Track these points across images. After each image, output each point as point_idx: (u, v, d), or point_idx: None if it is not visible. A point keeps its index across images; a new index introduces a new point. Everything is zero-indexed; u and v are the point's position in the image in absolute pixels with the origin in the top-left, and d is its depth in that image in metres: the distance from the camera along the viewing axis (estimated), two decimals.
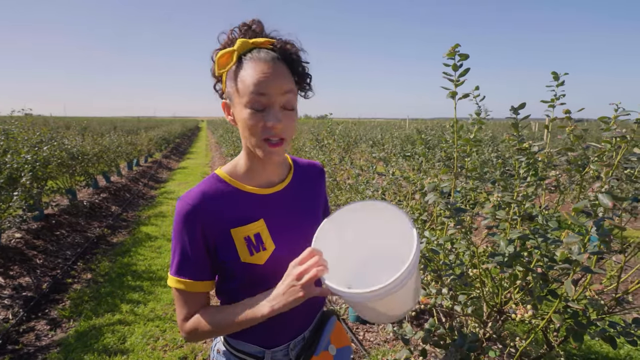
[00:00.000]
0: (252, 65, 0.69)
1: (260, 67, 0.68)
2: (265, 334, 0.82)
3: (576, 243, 0.90)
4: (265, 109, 0.69)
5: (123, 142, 8.05)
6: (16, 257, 3.38)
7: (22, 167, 3.63)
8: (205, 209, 0.74)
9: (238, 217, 0.76)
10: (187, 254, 0.74)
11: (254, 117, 0.69)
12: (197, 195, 0.75)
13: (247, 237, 0.76)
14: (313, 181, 0.92)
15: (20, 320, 2.61)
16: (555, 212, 1.33)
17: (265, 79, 0.68)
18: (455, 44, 1.27)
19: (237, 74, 0.70)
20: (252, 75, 0.68)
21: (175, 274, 0.75)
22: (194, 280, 0.75)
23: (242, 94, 0.69)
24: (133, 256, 3.87)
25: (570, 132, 1.17)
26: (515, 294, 1.32)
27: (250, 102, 0.68)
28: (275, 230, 0.79)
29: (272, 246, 0.77)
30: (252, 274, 0.77)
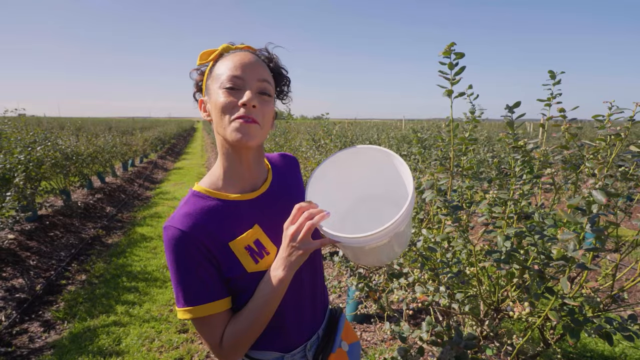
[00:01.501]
0: (230, 56, 0.73)
1: (238, 57, 0.72)
2: (281, 338, 0.81)
3: (571, 240, 0.90)
4: (240, 90, 0.70)
5: (118, 143, 8.00)
6: (9, 258, 3.34)
7: (15, 167, 3.59)
8: (196, 230, 0.70)
9: (232, 228, 0.74)
10: (193, 279, 0.69)
11: (228, 96, 0.69)
12: (182, 218, 0.70)
13: (247, 247, 0.73)
14: (291, 172, 0.92)
15: (13, 322, 2.58)
16: (551, 210, 1.33)
17: (241, 63, 0.71)
18: (451, 43, 1.28)
19: (215, 67, 0.74)
20: (230, 62, 0.72)
21: (188, 304, 0.69)
22: (211, 302, 0.70)
23: (219, 79, 0.71)
24: (128, 257, 3.84)
25: (565, 130, 1.18)
26: (512, 292, 1.32)
27: (226, 82, 0.70)
28: (273, 232, 0.78)
29: (273, 249, 0.76)
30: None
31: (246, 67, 0.71)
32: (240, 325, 0.71)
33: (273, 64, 0.78)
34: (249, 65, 0.71)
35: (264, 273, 0.73)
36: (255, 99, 0.70)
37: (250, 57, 0.73)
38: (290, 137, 4.98)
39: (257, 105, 0.69)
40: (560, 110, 1.26)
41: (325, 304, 0.93)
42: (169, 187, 7.69)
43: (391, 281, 1.46)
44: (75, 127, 11.38)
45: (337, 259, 1.74)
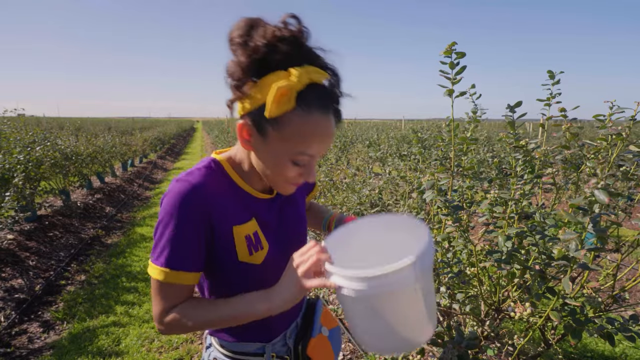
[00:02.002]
0: (310, 119, 0.58)
1: (322, 125, 0.59)
2: (261, 329, 0.81)
3: (573, 240, 0.90)
4: (306, 164, 0.64)
5: (117, 143, 7.99)
6: (8, 258, 3.33)
7: (14, 167, 3.58)
8: (210, 196, 0.66)
9: (239, 214, 0.71)
10: (182, 241, 0.64)
11: (292, 170, 0.63)
12: (200, 178, 0.66)
13: (247, 236, 0.71)
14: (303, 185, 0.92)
15: (12, 322, 2.57)
16: (552, 210, 1.33)
17: (321, 141, 0.61)
18: (452, 42, 1.27)
19: (291, 120, 0.58)
20: (310, 134, 0.59)
21: (164, 264, 0.64)
22: (186, 272, 0.65)
23: (290, 147, 0.60)
24: (128, 257, 3.83)
25: (566, 130, 1.18)
26: (513, 292, 1.32)
27: (295, 158, 0.62)
28: (266, 232, 0.76)
29: (267, 245, 0.75)
30: (248, 275, 0.73)
31: (326, 144, 0.62)
32: (196, 314, 0.66)
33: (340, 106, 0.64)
34: (328, 140, 0.62)
35: (253, 266, 0.72)
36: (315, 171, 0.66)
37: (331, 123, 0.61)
38: None
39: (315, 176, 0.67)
40: (560, 110, 1.26)
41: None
42: None
43: None
44: (74, 127, 11.38)
45: None
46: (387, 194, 2.34)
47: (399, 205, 2.13)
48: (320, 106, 0.58)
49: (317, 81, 0.58)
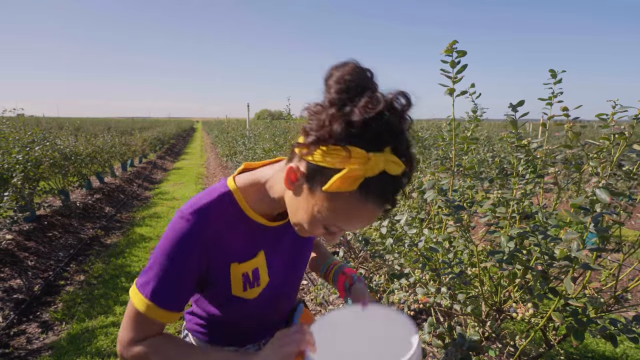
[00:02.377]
0: (363, 208, 0.54)
1: (366, 216, 0.55)
2: (236, 337, 0.81)
3: (575, 239, 0.89)
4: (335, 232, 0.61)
5: (117, 143, 7.98)
6: (7, 259, 3.32)
7: (13, 167, 3.57)
8: (210, 236, 0.64)
9: (241, 250, 0.69)
10: (173, 282, 0.63)
11: (319, 231, 0.60)
12: (204, 217, 0.63)
13: (244, 274, 0.69)
14: None
15: (10, 323, 2.56)
16: (553, 210, 1.32)
17: (359, 225, 0.58)
18: (453, 41, 1.26)
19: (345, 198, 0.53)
20: (353, 218, 0.55)
21: (153, 299, 0.62)
22: (169, 311, 0.63)
23: (329, 217, 0.56)
24: (127, 257, 3.82)
25: (568, 129, 1.17)
26: (515, 293, 1.31)
27: (329, 226, 0.58)
28: (273, 264, 0.74)
29: (266, 280, 0.73)
30: (238, 306, 0.72)
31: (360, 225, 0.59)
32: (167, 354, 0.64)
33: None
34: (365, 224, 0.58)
35: (245, 300, 0.70)
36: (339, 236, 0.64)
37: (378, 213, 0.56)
38: (290, 137, 4.96)
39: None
40: (563, 109, 1.25)
41: (294, 301, 0.93)
42: (168, 188, 7.67)
43: (392, 282, 1.45)
44: (74, 127, 11.37)
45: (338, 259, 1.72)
46: None
47: (399, 205, 2.12)
48: (379, 197, 0.53)
49: (390, 172, 0.51)
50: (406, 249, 1.42)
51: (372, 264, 2.25)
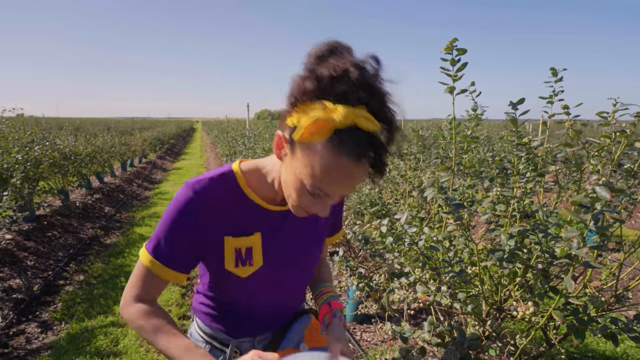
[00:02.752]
0: (338, 160, 0.55)
1: (343, 170, 0.56)
2: (231, 324, 0.83)
3: (575, 237, 0.88)
4: (323, 199, 0.62)
5: (117, 143, 7.97)
6: (6, 258, 3.31)
7: (13, 167, 3.56)
8: (207, 206, 0.69)
9: (237, 225, 0.73)
10: (169, 237, 0.70)
11: (306, 197, 0.62)
12: (207, 187, 0.70)
13: (237, 249, 0.73)
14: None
15: (10, 322, 2.55)
16: (554, 208, 1.31)
17: (340, 184, 0.58)
18: (453, 39, 1.26)
19: (319, 150, 0.56)
20: (330, 173, 0.56)
21: (152, 252, 0.70)
22: (169, 269, 0.70)
23: (309, 175, 0.58)
24: (127, 257, 3.82)
25: (569, 127, 1.16)
26: (515, 292, 1.30)
27: (312, 190, 0.60)
28: (269, 247, 0.76)
29: (259, 263, 0.75)
30: (231, 281, 0.76)
31: (344, 188, 0.59)
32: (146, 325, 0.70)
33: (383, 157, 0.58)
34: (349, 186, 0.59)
35: (236, 277, 0.74)
36: (329, 209, 0.65)
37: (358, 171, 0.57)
38: None
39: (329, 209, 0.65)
40: (563, 107, 1.24)
41: (294, 309, 0.92)
42: (168, 187, 7.67)
43: (392, 281, 1.44)
44: (73, 127, 11.37)
45: (337, 258, 1.72)
46: (387, 193, 2.33)
47: (399, 204, 2.11)
48: (352, 151, 0.54)
49: (363, 127, 0.54)
50: (406, 248, 1.41)
51: (372, 263, 2.25)
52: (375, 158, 0.57)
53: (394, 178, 2.23)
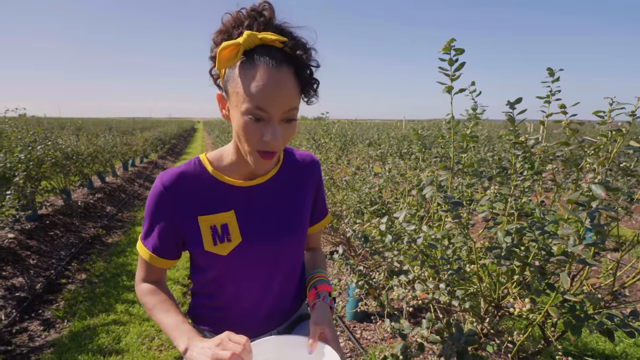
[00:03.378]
0: (256, 69, 0.62)
1: (265, 75, 0.61)
2: (224, 325, 0.83)
3: (571, 235, 0.89)
4: (264, 120, 0.64)
5: (118, 143, 8.00)
6: (9, 257, 3.34)
7: (15, 166, 3.59)
8: (177, 193, 0.75)
9: (208, 205, 0.76)
10: (153, 229, 0.77)
11: (251, 127, 0.64)
12: (173, 177, 0.75)
13: (212, 227, 0.76)
14: (302, 175, 0.87)
15: (13, 320, 2.58)
16: (552, 206, 1.33)
17: (268, 91, 0.62)
18: (451, 39, 1.27)
19: (239, 72, 0.63)
20: (255, 83, 0.61)
21: (144, 244, 0.79)
22: (154, 255, 0.78)
23: (241, 98, 0.63)
24: (128, 256, 3.84)
25: (566, 126, 1.17)
26: (513, 289, 1.31)
27: (249, 112, 0.63)
28: (245, 223, 0.78)
29: (238, 239, 0.77)
30: (215, 264, 0.78)
31: (273, 97, 0.62)
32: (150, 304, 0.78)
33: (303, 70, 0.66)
34: (276, 92, 0.62)
35: (218, 256, 0.76)
36: (279, 132, 0.65)
37: (278, 75, 0.62)
38: None
39: (280, 139, 0.65)
40: (560, 107, 1.26)
41: (291, 310, 0.91)
42: None
43: (391, 278, 1.46)
44: (75, 127, 11.40)
45: (337, 257, 1.73)
46: (387, 192, 2.34)
47: (399, 203, 2.13)
48: (267, 61, 0.62)
49: (269, 43, 0.64)
50: (405, 246, 1.43)
51: (371, 262, 2.26)
52: (297, 71, 0.65)
53: (394, 177, 2.25)
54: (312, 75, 0.68)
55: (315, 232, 0.98)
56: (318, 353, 0.73)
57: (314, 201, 0.91)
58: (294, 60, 0.65)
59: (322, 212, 0.95)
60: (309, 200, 0.89)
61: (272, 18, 0.66)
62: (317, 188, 0.91)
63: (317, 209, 0.94)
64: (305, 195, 0.88)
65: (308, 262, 0.98)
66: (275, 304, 0.86)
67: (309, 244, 1.00)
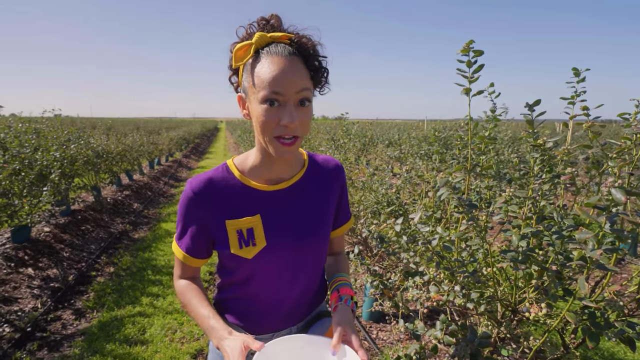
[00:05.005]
0: (268, 59, 0.69)
1: (276, 62, 0.68)
2: (247, 319, 0.87)
3: (589, 239, 0.88)
4: (280, 105, 0.69)
5: (145, 142, 8.30)
6: (45, 250, 3.55)
7: (52, 164, 3.80)
8: (206, 198, 0.79)
9: (235, 209, 0.80)
10: (185, 231, 0.82)
11: (268, 113, 0.69)
12: (202, 182, 0.80)
13: (239, 231, 0.79)
14: (326, 180, 0.89)
15: (48, 309, 2.74)
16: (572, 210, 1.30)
17: (280, 75, 0.67)
18: (470, 40, 1.27)
19: (254, 68, 0.70)
20: (268, 70, 0.68)
21: (177, 241, 0.85)
22: (186, 254, 0.83)
23: (258, 88, 0.69)
24: (153, 251, 3.99)
25: (587, 128, 1.15)
26: (530, 293, 1.29)
27: (265, 97, 0.68)
28: (270, 227, 0.80)
29: (263, 243, 0.79)
30: (240, 266, 0.81)
31: (285, 78, 0.68)
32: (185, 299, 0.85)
33: (312, 59, 0.72)
34: (288, 75, 0.68)
35: (244, 259, 0.80)
36: (296, 114, 0.69)
37: (288, 61, 0.69)
38: (309, 136, 5.02)
39: (297, 121, 0.69)
40: (583, 109, 1.23)
41: (315, 303, 0.93)
42: None
43: (406, 279, 1.47)
44: (106, 126, 11.91)
45: (353, 256, 1.76)
46: (405, 194, 2.34)
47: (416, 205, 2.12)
48: (278, 52, 0.69)
49: (278, 40, 0.72)
50: (421, 248, 1.43)
51: (387, 262, 2.26)
52: (306, 60, 0.71)
53: (411, 178, 2.24)
54: (320, 62, 0.74)
55: (339, 236, 0.99)
56: (341, 354, 0.74)
57: (337, 205, 0.93)
58: (301, 51, 0.71)
59: (345, 216, 0.97)
60: (333, 204, 0.91)
61: (280, 25, 0.74)
62: (340, 192, 0.93)
63: (340, 213, 0.95)
64: (329, 199, 0.89)
65: (331, 266, 0.99)
66: (296, 304, 0.89)
67: (333, 248, 1.01)
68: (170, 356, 2.30)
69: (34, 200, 3.30)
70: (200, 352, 2.36)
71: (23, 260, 3.26)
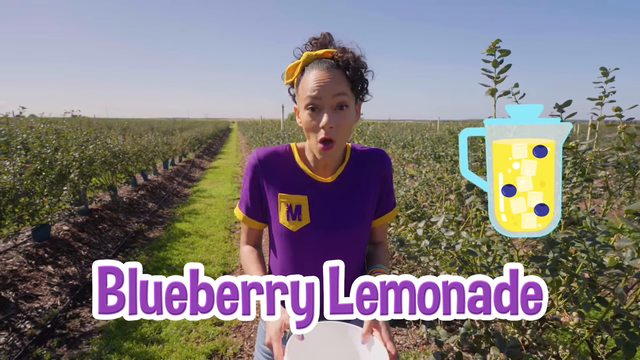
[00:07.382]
0: (310, 74, 0.81)
1: (316, 75, 0.80)
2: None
3: (629, 247, 0.84)
4: (319, 109, 0.80)
5: (160, 142, 8.42)
6: (64, 248, 3.62)
7: (71, 164, 3.88)
8: (267, 168, 0.90)
9: (288, 185, 0.90)
10: (246, 195, 0.94)
11: (310, 117, 0.81)
12: (267, 154, 0.92)
13: (288, 205, 0.89)
14: (366, 170, 0.95)
15: (67, 306, 2.79)
16: (603, 215, 1.25)
17: (319, 83, 0.79)
18: (496, 40, 1.24)
19: (300, 82, 0.83)
20: (309, 81, 0.80)
21: (240, 208, 0.96)
22: (245, 215, 0.95)
23: (302, 98, 0.81)
24: (168, 251, 4.04)
25: (621, 131, 1.10)
26: (558, 301, 1.25)
27: (307, 104, 0.80)
28: (314, 210, 0.90)
29: (307, 220, 0.89)
30: (285, 235, 0.91)
31: (322, 86, 0.78)
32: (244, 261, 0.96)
33: (350, 70, 0.81)
34: (325, 83, 0.79)
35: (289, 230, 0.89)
36: (332, 118, 0.79)
37: (327, 73, 0.79)
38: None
39: (334, 125, 0.79)
40: (615, 110, 1.18)
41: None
42: (206, 185, 7.99)
43: None
44: (121, 127, 12.13)
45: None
46: (422, 196, 2.30)
47: (435, 207, 2.08)
48: (321, 65, 0.80)
49: (322, 56, 0.82)
50: (442, 252, 1.40)
51: (405, 266, 2.23)
52: (348, 72, 0.80)
53: (429, 180, 2.21)
54: (360, 73, 0.83)
55: (381, 225, 1.02)
56: (369, 344, 0.78)
57: (379, 194, 0.97)
58: (342, 62, 0.81)
59: (387, 205, 1.00)
60: (373, 194, 0.95)
61: (329, 41, 0.85)
62: (382, 181, 0.97)
63: (382, 202, 0.98)
64: (369, 189, 0.94)
65: (371, 256, 1.02)
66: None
67: (374, 238, 1.04)
68: (186, 355, 2.31)
69: (54, 200, 3.37)
70: (215, 352, 2.37)
71: (43, 258, 3.33)
